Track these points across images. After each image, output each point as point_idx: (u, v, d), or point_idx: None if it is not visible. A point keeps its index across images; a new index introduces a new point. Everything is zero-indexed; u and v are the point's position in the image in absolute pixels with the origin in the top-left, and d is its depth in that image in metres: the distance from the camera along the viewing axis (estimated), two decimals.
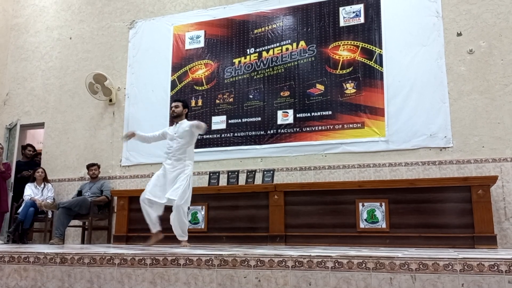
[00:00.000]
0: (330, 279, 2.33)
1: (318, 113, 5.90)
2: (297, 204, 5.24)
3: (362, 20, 5.92)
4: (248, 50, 6.42)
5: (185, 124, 4.84)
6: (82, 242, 6.48)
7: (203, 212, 5.57)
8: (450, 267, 2.18)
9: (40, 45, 7.78)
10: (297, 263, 2.41)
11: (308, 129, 5.91)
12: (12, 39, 8.02)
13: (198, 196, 5.22)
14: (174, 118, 4.97)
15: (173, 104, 5.02)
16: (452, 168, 5.24)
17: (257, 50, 6.37)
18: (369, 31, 5.86)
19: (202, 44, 6.70)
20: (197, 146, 5.87)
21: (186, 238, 4.61)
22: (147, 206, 4.61)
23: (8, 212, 6.54)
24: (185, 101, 5.26)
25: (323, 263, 2.36)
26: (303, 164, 5.86)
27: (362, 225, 4.91)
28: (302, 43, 6.16)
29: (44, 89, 7.56)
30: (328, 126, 5.83)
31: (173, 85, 6.74)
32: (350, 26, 5.96)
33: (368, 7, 5.91)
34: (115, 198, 6.33)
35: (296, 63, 6.14)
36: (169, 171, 4.71)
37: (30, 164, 7.26)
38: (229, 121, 6.32)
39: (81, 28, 7.55)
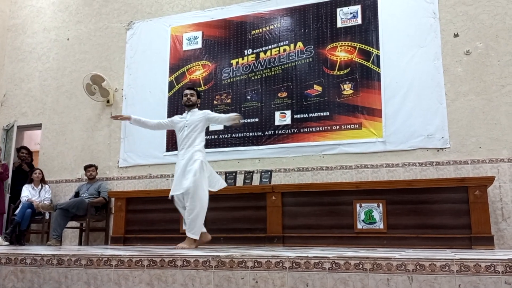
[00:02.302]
0: (327, 280, 2.33)
1: (316, 114, 5.91)
2: (294, 205, 5.24)
3: (359, 21, 5.93)
4: (245, 51, 6.42)
5: (197, 113, 4.65)
6: (80, 243, 6.47)
7: None
8: (447, 267, 2.19)
9: (37, 46, 7.77)
10: (294, 264, 2.41)
11: (305, 130, 5.92)
12: (9, 40, 8.01)
13: None
14: (188, 107, 4.69)
15: (188, 91, 4.70)
16: (449, 169, 5.25)
17: (255, 51, 6.38)
18: (366, 32, 5.87)
19: (199, 45, 6.70)
20: None
21: (195, 237, 4.24)
22: (179, 207, 4.46)
23: (5, 214, 6.52)
24: (198, 90, 5.05)
25: (320, 264, 2.36)
26: (300, 165, 5.86)
27: (359, 226, 4.91)
28: (299, 44, 6.17)
29: (41, 90, 7.55)
30: (325, 127, 5.84)
31: (171, 86, 6.74)
32: (348, 27, 5.97)
33: (365, 8, 5.92)
34: (113, 199, 6.32)
35: (293, 64, 6.15)
36: (180, 160, 4.48)
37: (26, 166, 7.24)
38: None
39: (79, 29, 7.54)
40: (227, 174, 5.91)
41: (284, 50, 6.23)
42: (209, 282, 2.51)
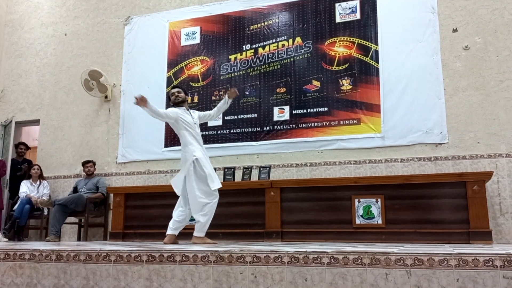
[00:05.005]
0: (326, 275, 2.34)
1: (314, 110, 5.90)
2: (293, 200, 5.24)
3: (358, 16, 5.92)
4: (244, 47, 6.41)
5: (196, 113, 4.61)
6: (78, 239, 6.47)
7: None
8: (445, 262, 2.19)
9: (34, 42, 7.74)
10: (293, 259, 2.41)
11: (304, 125, 5.92)
12: (6, 35, 7.97)
13: None
14: (178, 104, 4.56)
15: (175, 90, 4.59)
16: (447, 164, 5.26)
17: (253, 46, 6.36)
18: (365, 27, 5.86)
19: (198, 41, 6.68)
20: None
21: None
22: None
23: (4, 210, 6.51)
24: (183, 88, 4.94)
25: (319, 259, 2.36)
26: (299, 160, 5.87)
27: (358, 221, 4.92)
28: (298, 39, 6.15)
29: (39, 86, 7.52)
30: (324, 123, 5.84)
31: (169, 81, 6.72)
32: (346, 22, 5.96)
33: (364, 3, 5.91)
34: (111, 195, 6.32)
35: (292, 59, 6.13)
36: (204, 155, 4.43)
37: (24, 162, 7.22)
38: (225, 118, 6.31)
39: (76, 24, 7.51)
40: (226, 170, 5.91)
41: (283, 45, 6.21)
42: (208, 277, 2.52)
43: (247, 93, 6.28)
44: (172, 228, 4.35)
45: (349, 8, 5.96)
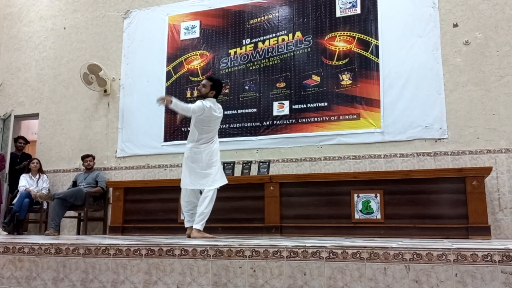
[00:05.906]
0: (324, 269, 2.34)
1: (314, 105, 5.89)
2: (292, 195, 5.24)
3: (358, 10, 5.89)
4: (244, 41, 6.38)
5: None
6: (78, 233, 6.48)
7: None
8: (444, 257, 2.20)
9: (33, 35, 7.70)
10: (292, 253, 2.41)
11: (303, 120, 5.91)
12: (5, 28, 7.93)
13: None
14: (198, 98, 4.42)
15: (203, 81, 4.38)
16: (447, 159, 5.26)
17: (253, 40, 6.34)
18: (366, 22, 5.83)
19: (197, 35, 6.65)
20: None
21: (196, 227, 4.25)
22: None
23: (3, 203, 6.51)
24: (218, 81, 4.53)
25: (317, 254, 2.37)
26: (298, 155, 5.86)
27: (357, 216, 4.92)
28: (298, 33, 6.13)
29: (38, 80, 7.50)
30: (323, 118, 5.83)
31: (168, 76, 6.70)
32: (347, 16, 5.93)
33: None
34: (111, 189, 6.32)
35: (292, 54, 6.11)
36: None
37: (23, 156, 7.22)
38: (225, 112, 6.27)
39: (75, 17, 7.47)
40: (225, 165, 5.90)
41: (283, 39, 6.19)
42: (207, 271, 2.52)
43: (247, 87, 6.27)
44: (191, 220, 4.40)
45: (350, 3, 5.94)
